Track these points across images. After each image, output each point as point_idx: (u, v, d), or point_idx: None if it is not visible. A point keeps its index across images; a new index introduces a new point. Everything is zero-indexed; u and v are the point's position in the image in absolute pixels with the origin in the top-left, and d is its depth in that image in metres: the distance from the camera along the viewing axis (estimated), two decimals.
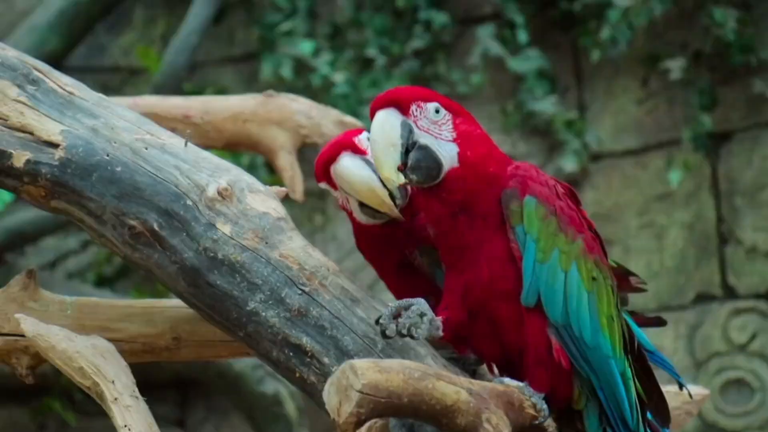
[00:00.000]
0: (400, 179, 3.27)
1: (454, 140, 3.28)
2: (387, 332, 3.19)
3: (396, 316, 3.21)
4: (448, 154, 3.27)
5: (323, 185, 3.49)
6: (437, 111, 3.28)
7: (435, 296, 3.43)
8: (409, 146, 3.26)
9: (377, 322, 3.23)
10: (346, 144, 3.43)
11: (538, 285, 3.25)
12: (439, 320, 3.27)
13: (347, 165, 3.41)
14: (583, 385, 3.31)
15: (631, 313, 3.73)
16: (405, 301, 3.24)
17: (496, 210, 3.28)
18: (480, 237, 3.28)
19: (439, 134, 3.28)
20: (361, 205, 3.43)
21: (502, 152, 3.37)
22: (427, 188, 3.28)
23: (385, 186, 3.36)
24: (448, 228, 3.30)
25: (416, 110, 3.28)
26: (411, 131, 3.26)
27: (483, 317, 3.30)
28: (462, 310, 3.30)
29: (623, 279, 3.71)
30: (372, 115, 3.30)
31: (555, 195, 3.31)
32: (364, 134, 3.44)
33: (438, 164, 3.26)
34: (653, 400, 3.47)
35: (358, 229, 3.53)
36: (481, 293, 3.28)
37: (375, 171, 3.36)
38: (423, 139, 3.26)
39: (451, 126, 3.29)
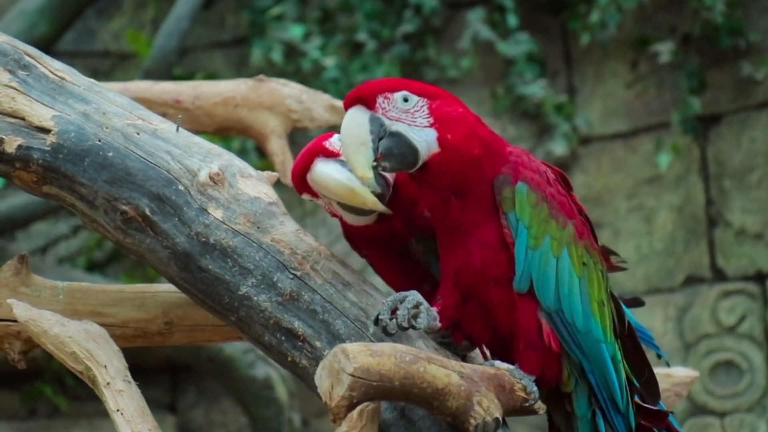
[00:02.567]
0: (374, 175, 3.22)
1: (432, 125, 3.24)
2: (389, 329, 3.19)
3: (393, 310, 3.21)
4: (424, 139, 3.22)
5: (306, 197, 3.43)
6: (406, 99, 3.24)
7: (430, 283, 3.44)
8: (382, 137, 3.23)
9: (376, 321, 3.23)
10: (317, 150, 3.36)
11: (530, 271, 3.25)
12: (434, 310, 3.27)
13: (321, 171, 3.33)
14: (572, 367, 3.32)
15: None
16: (399, 295, 3.23)
17: (489, 193, 3.27)
18: (473, 220, 3.28)
19: (413, 121, 3.23)
20: (346, 206, 3.37)
21: (489, 130, 3.32)
22: (417, 175, 3.27)
23: (364, 184, 3.28)
24: (442, 213, 3.29)
25: (384, 102, 3.24)
26: (382, 124, 3.23)
27: (475, 300, 3.30)
28: (455, 293, 3.30)
29: (604, 258, 3.72)
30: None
31: (546, 181, 3.31)
32: (335, 136, 3.37)
33: (413, 150, 3.22)
34: (644, 377, 3.48)
35: (351, 229, 3.47)
36: (474, 277, 3.28)
37: (350, 170, 3.28)
38: (395, 126, 3.23)
39: (426, 112, 3.25)
